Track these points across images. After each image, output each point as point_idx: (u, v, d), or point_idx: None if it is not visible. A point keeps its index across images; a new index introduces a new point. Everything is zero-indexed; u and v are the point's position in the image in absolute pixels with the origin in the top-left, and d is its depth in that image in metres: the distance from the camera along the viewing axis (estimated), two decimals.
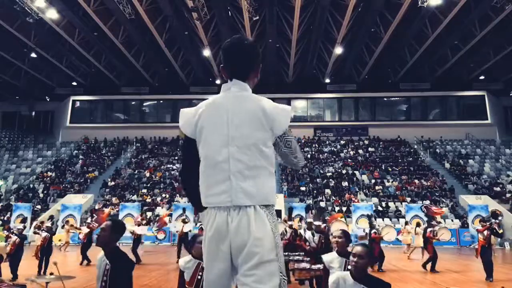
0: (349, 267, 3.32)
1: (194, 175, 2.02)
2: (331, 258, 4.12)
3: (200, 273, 3.84)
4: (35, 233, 10.97)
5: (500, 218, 10.23)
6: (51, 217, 14.94)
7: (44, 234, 9.95)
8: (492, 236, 9.98)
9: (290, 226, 8.99)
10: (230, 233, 1.83)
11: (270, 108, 1.93)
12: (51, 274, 4.00)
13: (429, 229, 11.59)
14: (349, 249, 4.12)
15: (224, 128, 1.91)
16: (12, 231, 9.62)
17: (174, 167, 26.94)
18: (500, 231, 9.97)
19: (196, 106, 2.05)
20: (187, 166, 2.10)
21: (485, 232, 9.70)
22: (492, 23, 20.75)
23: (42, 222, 12.68)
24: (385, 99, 32.32)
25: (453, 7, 19.29)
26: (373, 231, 11.88)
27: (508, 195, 22.52)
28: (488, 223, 10.01)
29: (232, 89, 1.99)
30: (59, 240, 16.23)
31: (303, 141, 30.55)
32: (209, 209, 1.92)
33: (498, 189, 23.27)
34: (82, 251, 11.51)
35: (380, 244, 11.67)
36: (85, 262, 11.36)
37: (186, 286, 3.97)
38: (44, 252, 9.56)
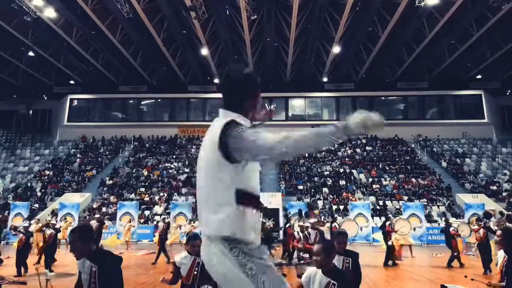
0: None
1: None
2: None
3: (196, 269, 3.92)
4: (40, 230, 10.72)
5: (492, 218, 11.20)
6: (55, 215, 14.59)
7: (49, 231, 9.86)
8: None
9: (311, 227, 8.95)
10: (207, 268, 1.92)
11: (215, 129, 1.88)
12: (52, 271, 4.05)
13: (387, 223, 12.71)
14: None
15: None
16: (18, 229, 9.69)
17: (172, 165, 26.97)
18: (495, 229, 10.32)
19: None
20: None
21: (481, 231, 10.66)
22: (489, 23, 20.87)
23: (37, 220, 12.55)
24: (383, 98, 32.41)
25: (450, 6, 19.38)
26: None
27: (504, 193, 22.66)
28: (482, 223, 10.98)
29: (214, 120, 1.98)
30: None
31: None
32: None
33: (494, 187, 23.40)
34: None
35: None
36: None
37: (183, 282, 4.04)
38: (50, 249, 9.56)
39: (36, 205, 22.30)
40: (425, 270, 10.71)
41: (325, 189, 23.73)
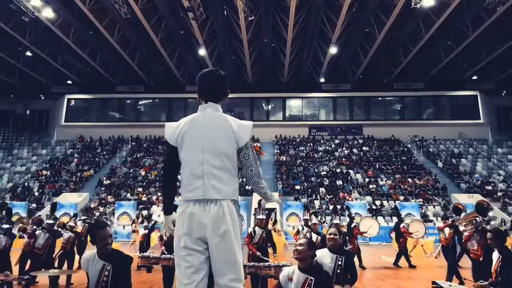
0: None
1: (173, 179, 2.61)
2: (323, 254, 4.31)
3: None
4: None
5: (463, 214, 7.98)
6: (75, 215, 12.62)
7: (67, 235, 8.49)
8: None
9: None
10: (208, 217, 2.38)
11: (236, 126, 2.52)
12: (54, 268, 4.12)
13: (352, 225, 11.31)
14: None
15: (200, 140, 2.46)
16: None
17: None
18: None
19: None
20: (169, 171, 2.65)
21: (446, 230, 8.29)
22: (484, 24, 21.03)
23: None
24: (380, 98, 32.58)
25: (446, 8, 19.54)
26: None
27: (499, 193, 22.86)
28: (450, 220, 8.38)
29: (208, 109, 2.57)
30: None
31: (297, 140, 30.76)
32: (186, 202, 2.45)
33: (490, 187, 23.59)
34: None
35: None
36: None
37: None
38: (67, 256, 8.42)
39: (34, 205, 22.30)
40: (421, 269, 10.83)
41: (322, 189, 23.85)
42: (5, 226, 7.31)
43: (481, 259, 6.24)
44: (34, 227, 7.43)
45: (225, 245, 2.37)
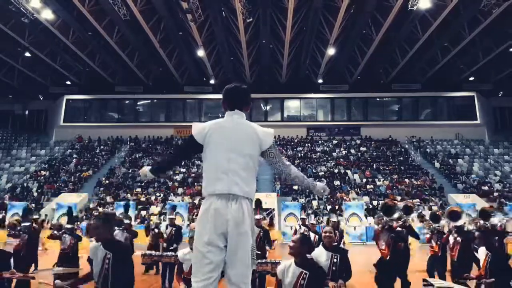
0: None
1: (176, 164, 3.25)
2: (318, 252, 4.44)
3: None
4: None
5: (413, 214, 7.63)
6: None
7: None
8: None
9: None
10: (230, 213, 2.58)
11: (260, 132, 2.80)
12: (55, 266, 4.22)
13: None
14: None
15: (228, 142, 2.71)
16: None
17: None
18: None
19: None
20: (179, 157, 3.09)
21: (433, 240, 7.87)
22: (480, 26, 21.19)
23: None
24: (377, 99, 32.74)
25: (442, 10, 19.70)
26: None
27: (496, 193, 23.01)
28: (382, 221, 6.94)
29: (234, 116, 2.84)
30: None
31: (296, 140, 30.90)
32: (209, 198, 2.66)
33: (486, 188, 23.75)
34: None
35: None
36: None
37: (184, 276, 4.27)
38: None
39: (33, 205, 22.34)
40: (419, 269, 10.93)
41: None
42: (69, 226, 7.37)
43: (387, 257, 6.45)
44: None
45: (242, 243, 2.60)
